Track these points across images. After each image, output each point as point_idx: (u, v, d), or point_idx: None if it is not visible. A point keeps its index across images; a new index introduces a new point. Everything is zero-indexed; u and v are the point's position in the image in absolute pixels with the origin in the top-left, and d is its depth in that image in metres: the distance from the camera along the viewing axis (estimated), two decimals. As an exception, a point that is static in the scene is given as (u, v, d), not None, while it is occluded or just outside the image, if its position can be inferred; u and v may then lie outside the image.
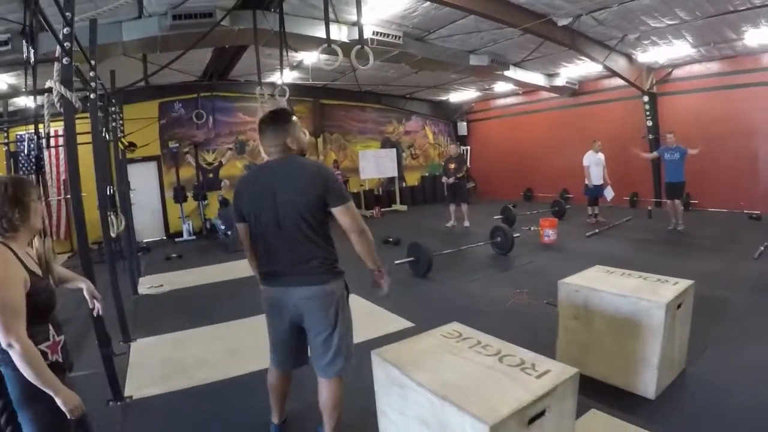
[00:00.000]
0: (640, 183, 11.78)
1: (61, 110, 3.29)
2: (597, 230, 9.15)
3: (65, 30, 3.14)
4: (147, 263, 9.00)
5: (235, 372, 3.91)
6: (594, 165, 9.96)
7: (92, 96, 4.36)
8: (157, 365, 4.24)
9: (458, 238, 9.23)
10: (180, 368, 4.14)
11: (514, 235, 7.58)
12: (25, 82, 2.76)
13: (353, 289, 2.62)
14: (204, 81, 11.50)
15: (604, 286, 3.25)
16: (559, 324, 3.47)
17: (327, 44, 5.94)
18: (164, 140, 12.22)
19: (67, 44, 3.15)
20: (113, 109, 5.91)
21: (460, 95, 16.10)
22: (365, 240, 2.46)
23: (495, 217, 10.25)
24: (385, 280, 2.62)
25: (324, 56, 6.79)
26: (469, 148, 17.02)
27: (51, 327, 1.90)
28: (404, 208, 15.04)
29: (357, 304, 5.50)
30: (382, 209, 14.42)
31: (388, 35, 8.20)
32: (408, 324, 4.78)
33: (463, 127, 17.79)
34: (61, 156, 10.56)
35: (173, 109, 12.34)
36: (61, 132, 9.94)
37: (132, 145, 9.42)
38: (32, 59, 2.72)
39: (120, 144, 7.29)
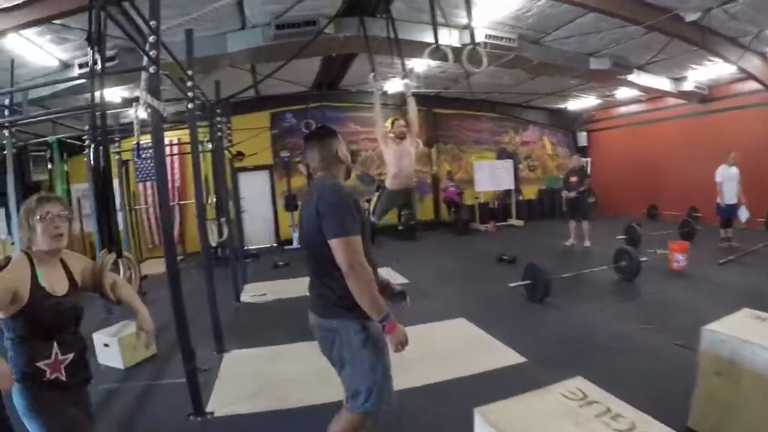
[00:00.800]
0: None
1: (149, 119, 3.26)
2: (731, 257, 7.81)
3: (151, 38, 3.08)
4: (254, 270, 9.19)
5: (330, 397, 3.45)
6: (728, 181, 8.60)
7: (190, 106, 4.37)
8: (246, 380, 4.11)
9: (578, 260, 8.39)
10: (271, 386, 3.95)
11: (641, 259, 6.67)
12: (92, 91, 2.65)
13: (461, 311, 2.12)
14: (314, 91, 11.68)
15: (758, 337, 2.58)
16: (698, 378, 2.83)
17: (435, 47, 5.58)
18: (276, 150, 12.64)
19: (153, 53, 3.08)
20: (219, 119, 6.00)
21: (580, 103, 14.95)
22: (353, 283, 2.09)
23: (617, 237, 9.24)
24: (394, 335, 2.15)
25: (434, 62, 6.45)
26: (589, 159, 15.70)
27: (56, 345, 1.93)
28: (520, 223, 14.14)
29: (463, 330, 4.98)
30: (498, 224, 13.71)
31: (502, 38, 7.64)
32: (520, 359, 4.22)
33: (582, 138, 16.47)
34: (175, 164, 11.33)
35: (285, 120, 12.72)
36: (175, 141, 10.66)
37: (240, 154, 9.66)
38: (99, 67, 2.61)
39: (227, 153, 7.45)
